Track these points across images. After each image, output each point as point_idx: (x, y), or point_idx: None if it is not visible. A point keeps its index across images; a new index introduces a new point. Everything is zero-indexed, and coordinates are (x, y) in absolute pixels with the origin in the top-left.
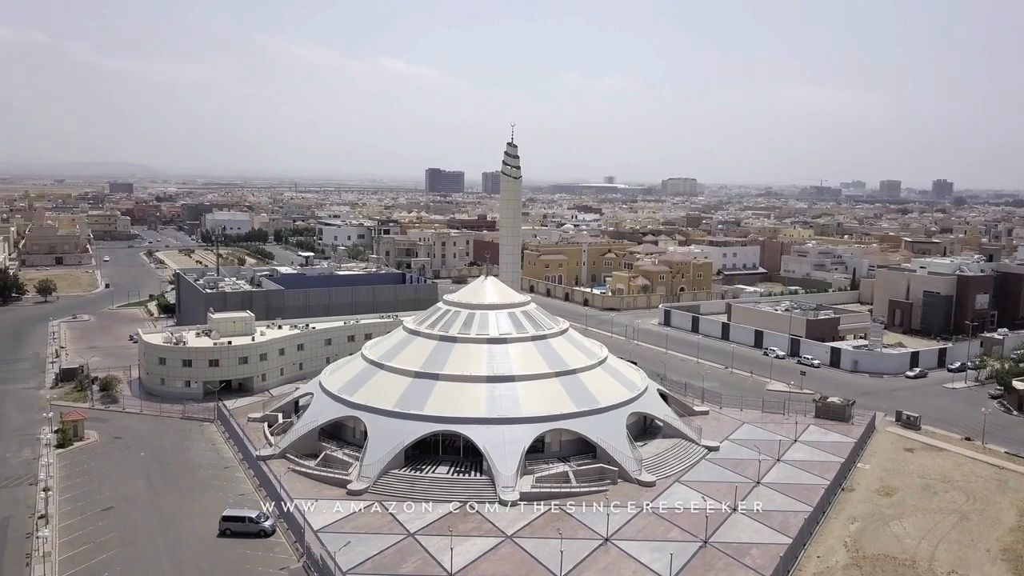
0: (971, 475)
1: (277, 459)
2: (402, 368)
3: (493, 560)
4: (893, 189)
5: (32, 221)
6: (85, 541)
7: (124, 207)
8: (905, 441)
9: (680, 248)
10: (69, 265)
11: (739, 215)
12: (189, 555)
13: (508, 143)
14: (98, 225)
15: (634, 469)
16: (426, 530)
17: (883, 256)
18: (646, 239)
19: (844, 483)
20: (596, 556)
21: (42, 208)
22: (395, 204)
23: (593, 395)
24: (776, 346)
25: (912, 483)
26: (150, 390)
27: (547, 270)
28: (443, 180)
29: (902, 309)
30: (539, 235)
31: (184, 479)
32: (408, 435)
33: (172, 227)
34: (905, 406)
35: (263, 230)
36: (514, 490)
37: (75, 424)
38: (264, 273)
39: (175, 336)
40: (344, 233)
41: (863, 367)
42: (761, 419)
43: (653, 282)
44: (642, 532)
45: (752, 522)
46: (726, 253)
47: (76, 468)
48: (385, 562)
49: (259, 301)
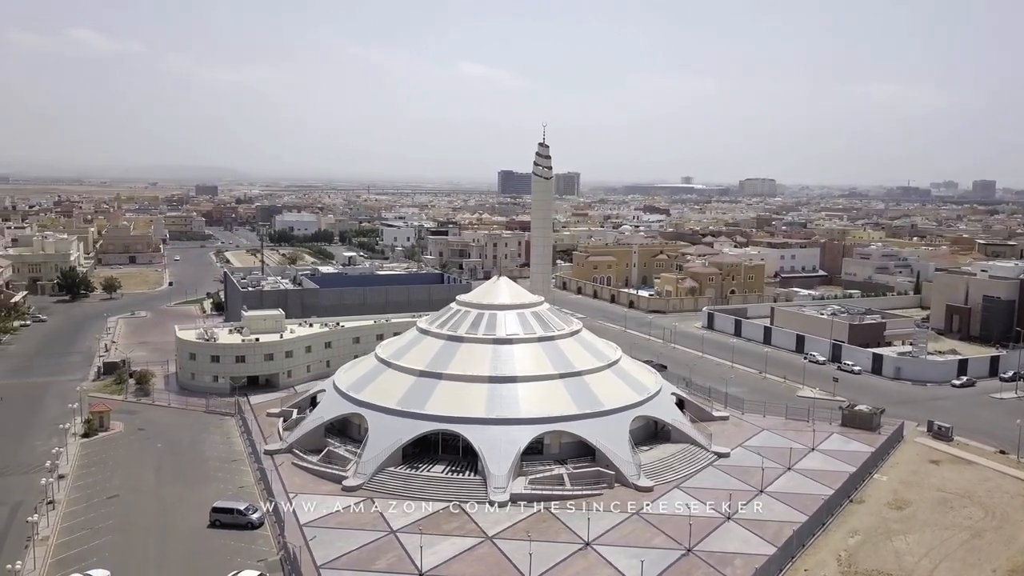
0: (996, 490)
1: (284, 454)
2: (408, 367)
3: (467, 560)
4: (987, 190)
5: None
6: (84, 527)
7: (204, 209)
8: (933, 453)
9: (735, 250)
10: (141, 264)
11: (811, 216)
12: (177, 544)
13: (539, 143)
14: (175, 226)
15: (632, 473)
16: (409, 528)
17: (952, 259)
18: (704, 240)
19: (854, 494)
20: (573, 560)
21: (120, 210)
22: (463, 206)
23: (597, 397)
24: (817, 351)
25: (928, 497)
26: (183, 384)
27: (596, 271)
28: (515, 182)
29: (960, 315)
30: (594, 236)
31: (192, 470)
32: (406, 434)
33: (247, 228)
34: (942, 416)
35: (329, 231)
36: (505, 491)
37: (101, 415)
38: (305, 272)
39: (207, 332)
40: (403, 234)
41: (906, 374)
42: (783, 426)
43: (702, 284)
44: (626, 538)
45: (744, 531)
46: (784, 255)
47: (95, 457)
48: (360, 558)
49: (294, 299)
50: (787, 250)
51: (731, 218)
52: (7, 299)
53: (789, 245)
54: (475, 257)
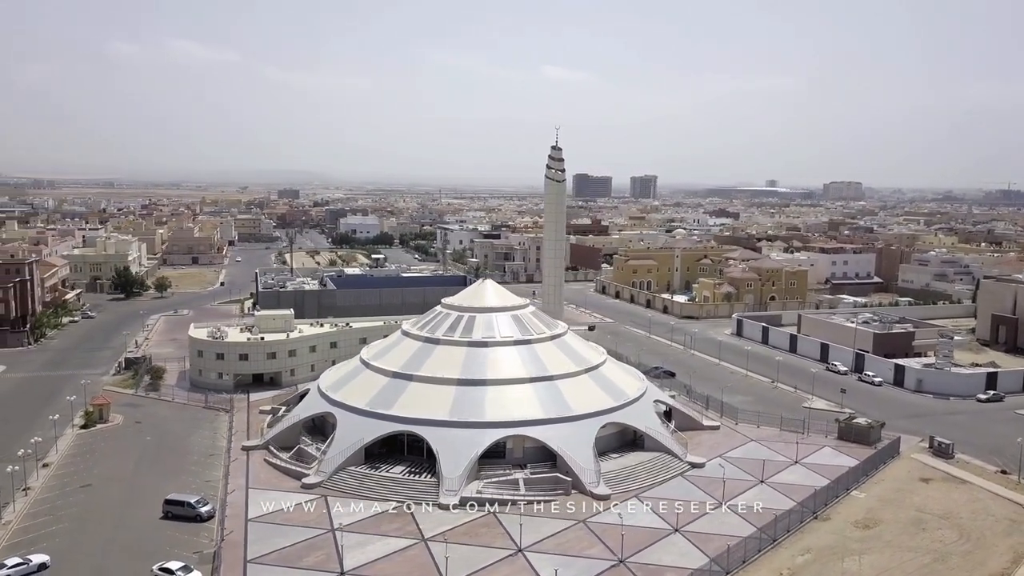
0: (982, 512)
1: (260, 450)
2: (383, 368)
3: (394, 561)
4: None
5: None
6: (48, 514)
7: (279, 212)
8: (926, 470)
9: (782, 255)
10: (203, 264)
11: (887, 221)
12: (126, 533)
13: (552, 146)
14: (244, 228)
15: (590, 481)
16: (350, 527)
17: (1019, 266)
18: (758, 245)
19: (821, 511)
20: (498, 566)
21: (186, 213)
22: (526, 209)
23: (567, 402)
24: (840, 361)
25: (903, 517)
26: (192, 380)
27: (635, 275)
28: (590, 185)
29: (1007, 325)
30: (645, 239)
31: (169, 463)
32: (370, 434)
33: (317, 230)
34: (956, 432)
35: (390, 234)
36: (456, 494)
37: (101, 408)
38: (330, 274)
39: (218, 331)
40: (456, 238)
41: (928, 387)
42: (776, 437)
43: (740, 290)
44: (562, 546)
45: (687, 545)
46: (836, 261)
47: (84, 448)
48: (290, 555)
49: (311, 300)
50: (839, 255)
51: (802, 222)
52: (60, 296)
53: (842, 251)
54: (518, 260)
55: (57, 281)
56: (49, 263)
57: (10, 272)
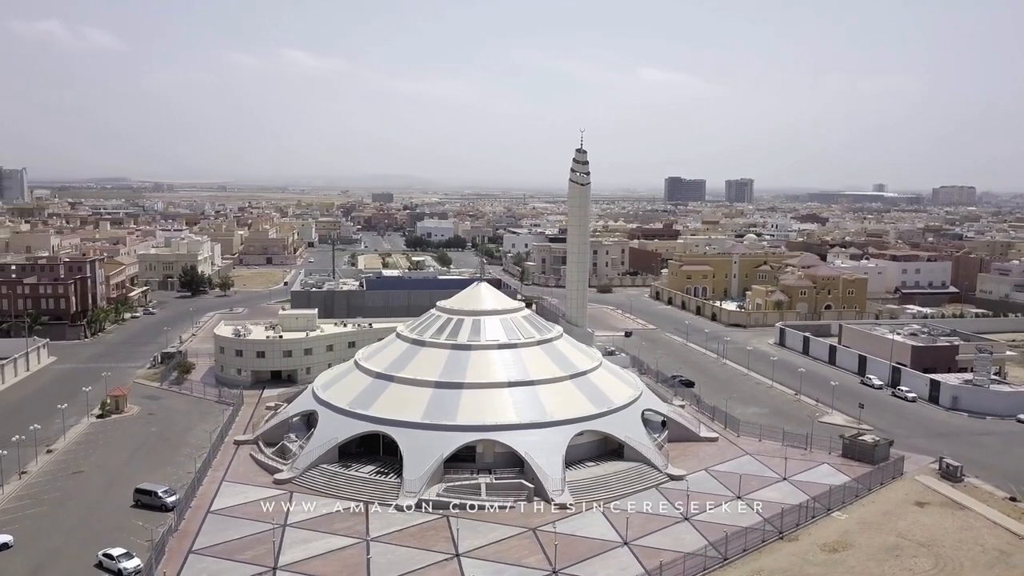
0: (969, 541)
1: (251, 444)
2: (369, 369)
3: (328, 560)
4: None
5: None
6: (31, 497)
7: (366, 215)
8: (925, 493)
9: (848, 262)
10: (276, 265)
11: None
12: (95, 518)
13: (577, 149)
14: (325, 230)
15: (554, 489)
16: (301, 524)
17: None
18: (832, 251)
19: (788, 531)
20: (429, 570)
21: (265, 215)
22: (607, 213)
23: (543, 408)
24: (876, 374)
25: (879, 542)
26: (216, 376)
27: (689, 281)
28: (683, 189)
29: None
30: (713, 244)
31: (162, 454)
32: (344, 433)
33: (399, 233)
34: (980, 453)
35: (463, 237)
36: (415, 495)
37: (117, 399)
38: (367, 275)
39: (243, 328)
40: (522, 241)
41: (964, 405)
42: (775, 451)
43: (793, 298)
44: (500, 553)
45: (630, 559)
46: (906, 269)
47: (92, 436)
48: (232, 548)
49: (340, 301)
50: (910, 263)
51: (894, 228)
52: (125, 293)
53: (915, 258)
54: None
55: (125, 279)
56: (117, 262)
57: (72, 270)
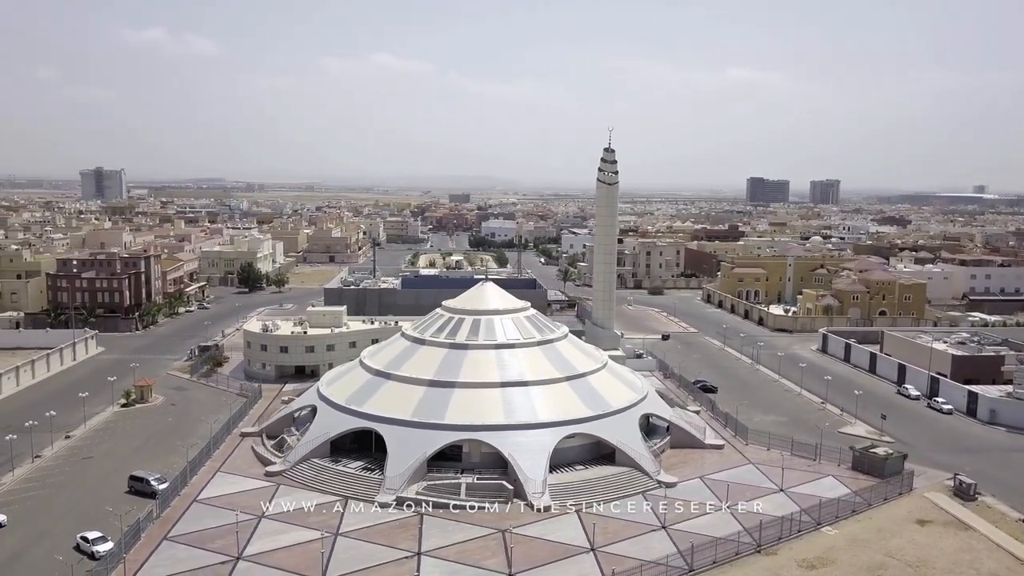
0: (963, 564)
1: (255, 436)
2: (370, 366)
3: (292, 552)
4: None
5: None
6: (38, 479)
7: (438, 215)
8: (932, 511)
9: (911, 266)
10: (339, 263)
11: None
12: (90, 502)
13: (605, 148)
14: (392, 230)
15: (535, 491)
16: (278, 517)
17: None
18: (900, 254)
19: (767, 545)
20: (385, 567)
21: (329, 214)
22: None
23: (534, 409)
24: (914, 384)
25: (864, 561)
26: (245, 370)
27: (741, 284)
28: (765, 189)
29: None
30: (774, 246)
31: (170, 443)
32: (337, 428)
33: (466, 233)
34: (1007, 472)
35: (524, 237)
36: (395, 492)
37: (143, 389)
38: (405, 274)
39: (272, 324)
40: (580, 242)
41: (1002, 418)
42: (780, 461)
43: (844, 303)
44: (463, 554)
45: (593, 567)
46: (975, 274)
47: (112, 424)
48: (204, 536)
49: (372, 299)
50: (980, 268)
51: (982, 232)
52: (183, 288)
53: (987, 263)
54: (627, 265)
55: (183, 274)
56: (176, 258)
57: (128, 265)
